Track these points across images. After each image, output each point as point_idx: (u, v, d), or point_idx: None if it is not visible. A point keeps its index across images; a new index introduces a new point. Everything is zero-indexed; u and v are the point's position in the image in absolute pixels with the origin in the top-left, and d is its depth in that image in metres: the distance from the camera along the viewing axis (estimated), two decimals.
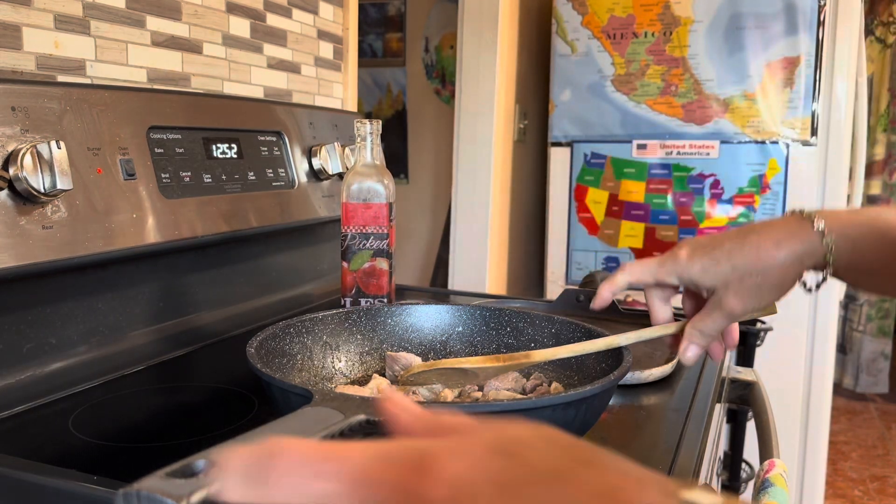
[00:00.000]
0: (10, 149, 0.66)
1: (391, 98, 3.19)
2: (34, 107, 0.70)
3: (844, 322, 3.60)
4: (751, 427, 1.17)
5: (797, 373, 1.92)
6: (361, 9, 2.77)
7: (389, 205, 0.90)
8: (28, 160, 0.66)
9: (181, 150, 0.88)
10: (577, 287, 1.13)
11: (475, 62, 2.05)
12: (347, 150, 1.18)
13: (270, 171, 1.04)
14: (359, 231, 0.89)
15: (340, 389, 0.66)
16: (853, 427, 3.12)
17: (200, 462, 0.31)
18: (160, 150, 0.85)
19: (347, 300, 0.90)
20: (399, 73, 3.17)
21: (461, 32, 2.06)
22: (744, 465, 1.49)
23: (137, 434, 0.66)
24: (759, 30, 1.86)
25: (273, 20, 1.16)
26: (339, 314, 0.72)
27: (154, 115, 0.85)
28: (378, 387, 0.65)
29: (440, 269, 2.99)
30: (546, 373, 0.72)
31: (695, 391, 0.77)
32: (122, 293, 0.84)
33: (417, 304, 0.77)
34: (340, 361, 0.71)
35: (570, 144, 2.07)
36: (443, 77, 3.10)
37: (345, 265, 0.90)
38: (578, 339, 0.70)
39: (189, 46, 1.00)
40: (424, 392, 0.65)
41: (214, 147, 0.94)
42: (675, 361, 0.83)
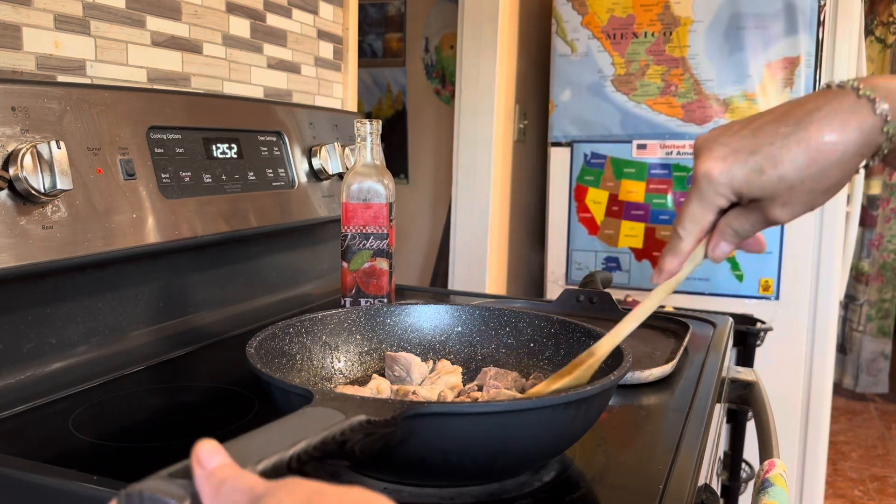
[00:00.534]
0: (10, 149, 0.67)
1: (391, 98, 3.19)
2: (34, 107, 0.70)
3: (844, 322, 3.60)
4: (751, 427, 1.17)
5: (797, 373, 1.92)
6: (361, 9, 2.77)
7: (389, 205, 0.90)
8: (28, 160, 0.66)
9: (181, 150, 0.88)
10: (577, 287, 1.13)
11: (475, 62, 2.05)
12: (347, 150, 1.18)
13: (270, 171, 1.04)
14: (359, 231, 0.89)
15: (340, 389, 0.66)
16: (853, 427, 3.12)
17: None
18: (160, 150, 0.85)
19: (347, 300, 0.90)
20: (399, 73, 3.17)
21: (461, 32, 2.06)
22: (744, 465, 1.49)
23: (137, 434, 0.66)
24: (759, 30, 1.86)
25: (273, 20, 1.16)
26: (339, 314, 0.72)
27: (154, 115, 0.85)
28: (378, 387, 0.65)
29: (440, 270, 2.99)
30: (546, 372, 0.72)
31: (695, 391, 0.77)
32: (122, 293, 0.84)
33: (417, 304, 0.77)
34: (340, 361, 0.71)
35: (570, 144, 2.07)
36: (443, 77, 3.10)
37: (345, 265, 0.90)
38: (578, 339, 0.70)
39: (189, 46, 1.00)
40: (424, 392, 0.65)
41: (214, 147, 0.94)
42: (675, 361, 0.83)
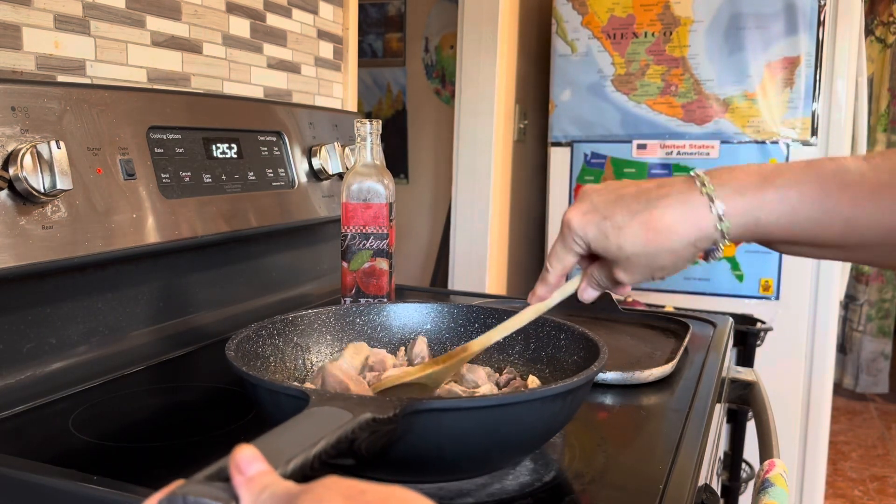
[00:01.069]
0: (10, 149, 0.66)
1: (391, 98, 3.19)
2: (34, 107, 0.70)
3: (844, 322, 3.60)
4: (751, 427, 1.17)
5: (797, 373, 1.92)
6: (361, 9, 2.77)
7: (389, 205, 0.90)
8: (28, 160, 0.66)
9: (181, 150, 0.88)
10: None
11: (475, 62, 2.05)
12: (347, 150, 1.18)
13: (270, 171, 1.04)
14: (359, 231, 0.89)
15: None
16: (853, 427, 3.12)
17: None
18: (160, 150, 0.85)
19: (347, 300, 0.90)
20: (399, 73, 3.17)
21: (461, 32, 2.06)
22: (744, 465, 1.49)
23: (137, 434, 0.66)
24: (759, 30, 1.86)
25: (273, 20, 1.16)
26: (308, 315, 0.71)
27: (154, 115, 0.85)
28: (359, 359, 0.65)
29: (440, 269, 2.99)
30: (517, 367, 0.73)
31: (695, 391, 0.77)
32: (122, 293, 0.84)
33: (386, 304, 0.77)
34: (311, 363, 0.70)
35: (570, 144, 2.07)
36: (443, 77, 3.10)
37: (345, 265, 0.90)
38: (549, 333, 0.71)
39: (189, 46, 1.00)
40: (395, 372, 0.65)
41: (214, 147, 0.94)
42: (675, 361, 0.83)
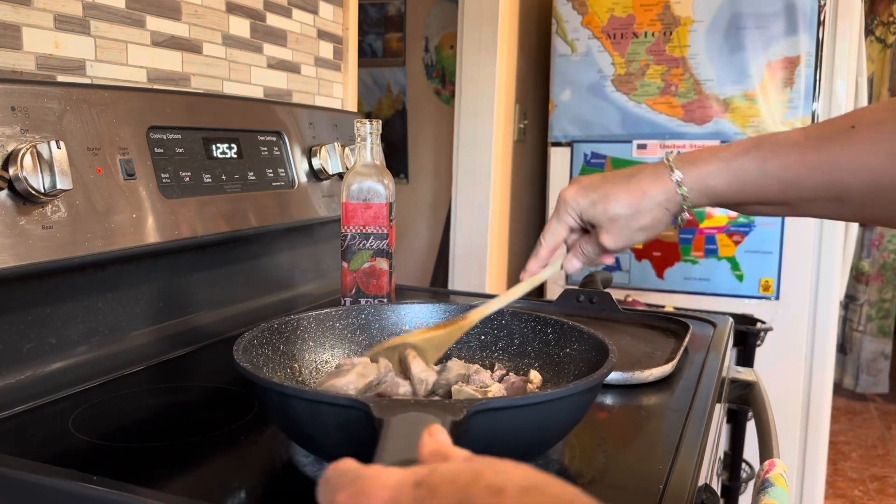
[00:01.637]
0: (10, 149, 0.66)
1: (391, 98, 3.19)
2: (34, 107, 0.70)
3: (844, 322, 3.60)
4: (751, 427, 1.17)
5: (797, 373, 1.92)
6: (361, 9, 2.77)
7: (389, 205, 0.90)
8: (28, 160, 0.66)
9: (181, 150, 0.88)
10: (577, 287, 1.13)
11: (475, 62, 2.05)
12: (347, 150, 1.18)
13: (270, 171, 1.04)
14: (359, 231, 0.89)
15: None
16: (853, 427, 3.12)
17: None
18: (160, 150, 0.85)
19: (347, 300, 0.90)
20: (399, 73, 3.16)
21: (461, 32, 2.06)
22: (744, 465, 1.49)
23: (137, 434, 0.66)
24: (759, 30, 1.86)
25: (273, 20, 1.16)
26: (291, 321, 0.70)
27: (154, 115, 0.85)
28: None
29: (440, 269, 2.99)
30: (503, 363, 0.74)
31: (695, 391, 0.77)
32: (122, 293, 0.84)
33: (361, 307, 0.76)
34: (300, 374, 0.70)
35: (570, 144, 2.07)
36: (443, 77, 3.10)
37: (345, 265, 0.90)
38: (533, 328, 0.74)
39: (189, 46, 1.00)
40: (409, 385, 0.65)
41: (214, 147, 0.94)
42: (675, 361, 0.83)
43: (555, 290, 2.08)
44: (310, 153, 1.12)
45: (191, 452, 0.61)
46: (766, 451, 0.91)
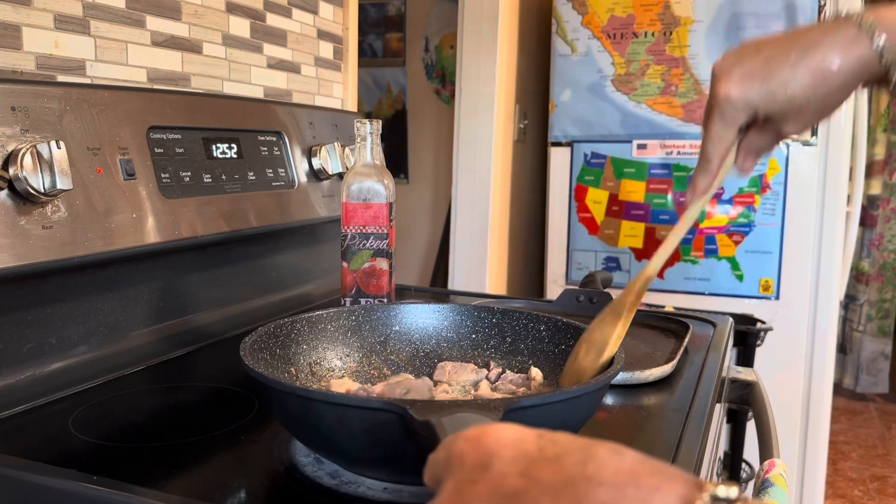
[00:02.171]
0: (10, 149, 0.66)
1: (391, 98, 3.19)
2: (34, 107, 0.70)
3: (844, 322, 3.60)
4: (751, 427, 1.17)
5: (797, 373, 1.92)
6: (361, 9, 2.77)
7: (389, 205, 0.90)
8: (28, 160, 0.66)
9: (181, 150, 0.88)
10: (577, 287, 1.13)
11: (475, 62, 2.05)
12: (347, 150, 1.18)
13: (270, 171, 1.04)
14: (359, 231, 0.89)
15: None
16: (853, 427, 3.12)
17: None
18: (160, 150, 0.85)
19: (347, 300, 0.90)
20: (399, 73, 3.17)
21: (461, 32, 2.06)
22: (744, 465, 1.49)
23: (137, 434, 0.66)
24: (760, 30, 1.86)
25: (273, 20, 1.16)
26: (285, 324, 0.69)
27: (154, 115, 0.85)
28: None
29: (440, 269, 2.99)
30: (497, 361, 0.74)
31: (695, 391, 0.77)
32: (122, 293, 0.84)
33: (353, 309, 0.75)
34: (296, 378, 0.69)
35: (570, 144, 2.07)
36: (443, 77, 3.10)
37: (345, 265, 0.90)
38: (525, 326, 0.74)
39: (189, 46, 1.00)
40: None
41: (214, 147, 0.94)
42: (675, 361, 0.83)
43: (555, 290, 2.08)
44: (310, 153, 1.12)
45: (191, 452, 0.61)
46: (766, 451, 0.92)
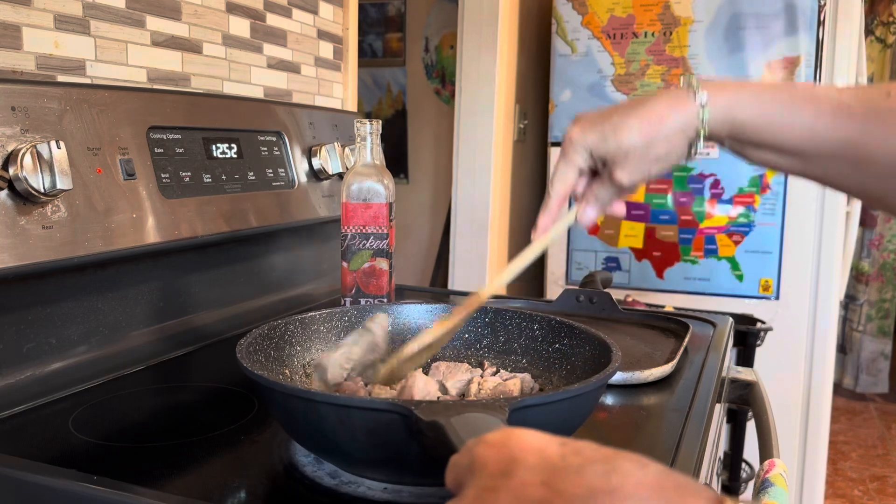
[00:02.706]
0: (10, 149, 0.66)
1: (391, 98, 3.19)
2: (34, 107, 0.70)
3: (844, 322, 3.60)
4: (751, 427, 1.17)
5: (797, 373, 1.92)
6: (361, 9, 2.77)
7: (389, 205, 0.90)
8: (28, 160, 0.66)
9: (181, 150, 0.88)
10: (577, 287, 1.13)
11: (475, 62, 2.05)
12: (347, 150, 1.18)
13: (270, 171, 1.04)
14: (359, 231, 0.89)
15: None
16: (853, 427, 3.12)
17: None
18: (160, 150, 0.85)
19: (347, 300, 0.90)
20: (399, 73, 3.16)
21: (461, 32, 2.06)
22: (744, 465, 1.49)
23: (137, 434, 0.66)
24: (759, 30, 1.86)
25: (273, 20, 1.16)
26: (280, 326, 0.69)
27: (154, 115, 0.85)
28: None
29: (440, 269, 2.99)
30: (490, 360, 0.75)
31: (695, 391, 0.77)
32: (122, 293, 0.84)
33: (343, 310, 0.75)
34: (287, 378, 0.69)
35: None
36: (443, 77, 3.10)
37: (345, 265, 0.90)
38: (518, 325, 0.74)
39: (189, 46, 1.00)
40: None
41: (214, 147, 0.94)
42: (675, 361, 0.83)
43: (555, 290, 2.08)
44: (310, 153, 1.12)
45: (191, 452, 0.61)
46: (766, 451, 0.92)
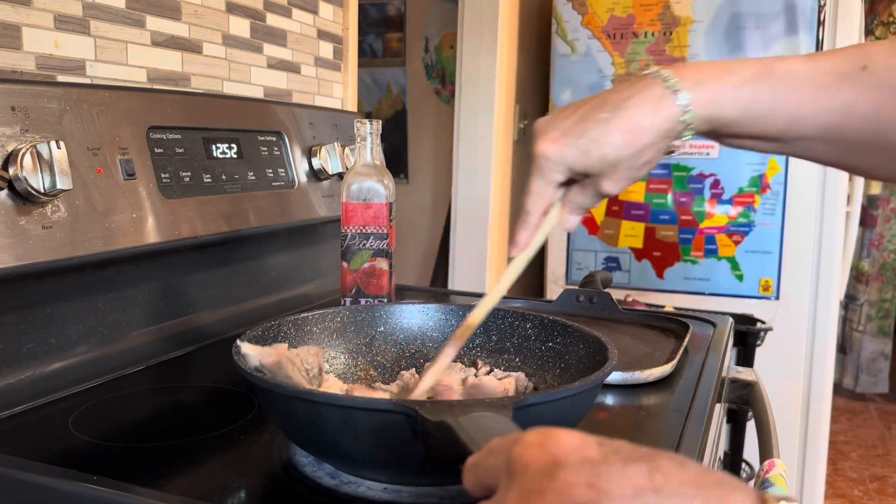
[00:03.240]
0: (10, 149, 0.66)
1: (391, 98, 3.19)
2: (34, 107, 0.70)
3: (844, 322, 3.60)
4: (751, 427, 1.17)
5: (797, 373, 1.92)
6: (361, 9, 2.77)
7: (389, 205, 0.90)
8: (28, 160, 0.66)
9: (181, 150, 0.88)
10: (577, 287, 1.13)
11: (475, 62, 2.05)
12: (347, 150, 1.18)
13: (270, 171, 1.04)
14: (359, 231, 0.89)
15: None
16: (853, 427, 3.12)
17: None
18: (160, 150, 0.85)
19: (347, 300, 0.90)
20: (399, 73, 3.16)
21: (461, 32, 2.06)
22: (744, 465, 1.49)
23: (137, 434, 0.66)
24: (759, 30, 1.86)
25: (273, 20, 1.16)
26: (272, 325, 0.68)
27: (154, 115, 0.85)
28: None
29: (440, 269, 2.99)
30: (483, 359, 0.75)
31: (695, 391, 0.77)
32: (122, 293, 0.84)
33: (337, 310, 0.75)
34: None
35: None
36: (443, 77, 3.10)
37: (345, 265, 0.90)
38: (511, 324, 0.74)
39: (189, 46, 1.00)
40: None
41: (214, 147, 0.94)
42: (675, 361, 0.83)
43: (555, 290, 2.08)
44: (310, 153, 1.12)
45: (191, 452, 0.61)
46: (766, 451, 0.92)
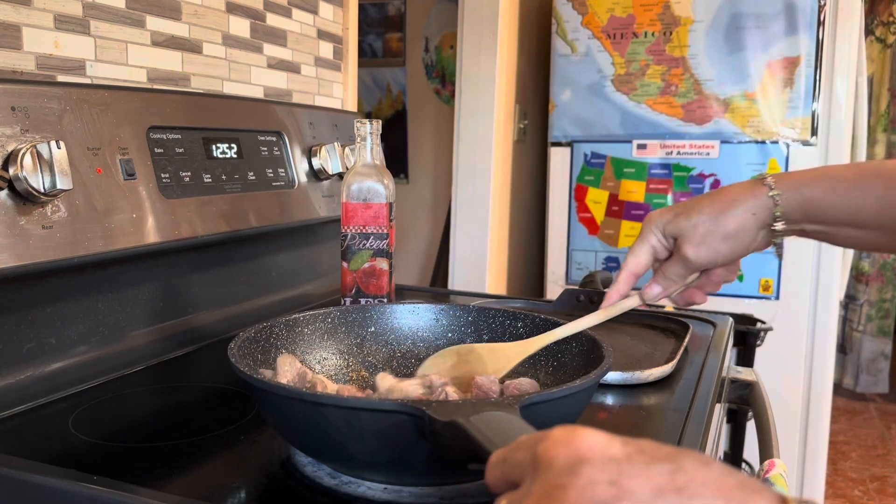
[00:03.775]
0: (10, 149, 0.67)
1: (391, 98, 3.19)
2: (34, 107, 0.70)
3: (844, 322, 3.60)
4: (751, 427, 1.17)
5: (797, 373, 1.92)
6: (361, 9, 2.77)
7: (389, 205, 0.90)
8: (28, 160, 0.66)
9: (181, 150, 0.88)
10: (577, 287, 1.13)
11: (475, 62, 2.05)
12: (347, 150, 1.18)
13: (270, 171, 1.04)
14: (359, 231, 0.89)
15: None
16: (853, 427, 3.12)
17: None
18: (160, 150, 0.85)
19: (347, 300, 0.90)
20: (399, 73, 3.16)
21: (461, 32, 2.06)
22: (744, 465, 1.49)
23: (137, 434, 0.66)
24: (759, 30, 1.86)
25: (273, 20, 1.16)
26: (264, 329, 0.68)
27: (154, 115, 0.85)
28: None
29: (440, 269, 2.99)
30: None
31: (695, 391, 0.77)
32: (122, 293, 0.84)
33: (328, 311, 0.75)
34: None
35: (570, 144, 2.07)
36: (443, 77, 3.10)
37: (345, 265, 0.90)
38: (501, 323, 0.74)
39: (189, 46, 1.00)
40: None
41: (214, 147, 0.94)
42: (675, 361, 0.83)
43: (555, 290, 2.08)
44: (310, 153, 1.12)
45: (191, 452, 0.61)
46: (766, 451, 0.92)
